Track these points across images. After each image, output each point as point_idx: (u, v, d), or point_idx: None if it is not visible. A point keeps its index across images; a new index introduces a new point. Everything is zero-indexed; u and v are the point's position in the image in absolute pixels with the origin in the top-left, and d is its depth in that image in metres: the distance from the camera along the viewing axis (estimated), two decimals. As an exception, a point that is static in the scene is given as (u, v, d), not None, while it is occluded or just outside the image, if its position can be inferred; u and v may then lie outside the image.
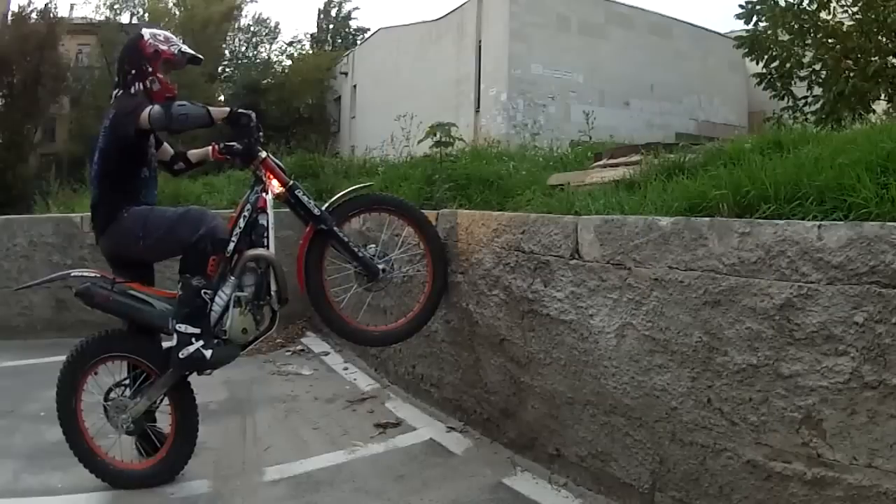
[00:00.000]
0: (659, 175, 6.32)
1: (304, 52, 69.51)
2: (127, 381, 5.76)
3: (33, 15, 50.89)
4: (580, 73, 37.17)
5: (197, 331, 5.46)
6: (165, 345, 5.62)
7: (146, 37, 5.92)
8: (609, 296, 5.27)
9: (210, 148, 6.27)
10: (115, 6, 62.95)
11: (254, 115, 5.81)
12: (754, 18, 18.50)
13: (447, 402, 7.13)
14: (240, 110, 5.74)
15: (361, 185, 6.63)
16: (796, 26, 18.20)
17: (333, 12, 75.62)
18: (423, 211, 6.88)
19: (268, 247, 5.78)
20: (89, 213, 5.99)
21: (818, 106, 17.54)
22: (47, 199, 14.47)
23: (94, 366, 5.67)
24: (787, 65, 18.12)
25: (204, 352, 5.44)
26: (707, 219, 4.76)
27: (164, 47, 5.89)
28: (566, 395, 5.66)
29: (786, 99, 18.35)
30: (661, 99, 39.64)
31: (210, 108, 5.60)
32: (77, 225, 10.72)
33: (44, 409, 7.02)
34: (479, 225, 6.57)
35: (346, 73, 56.42)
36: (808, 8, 18.10)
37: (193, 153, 6.47)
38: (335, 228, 6.09)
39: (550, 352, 5.78)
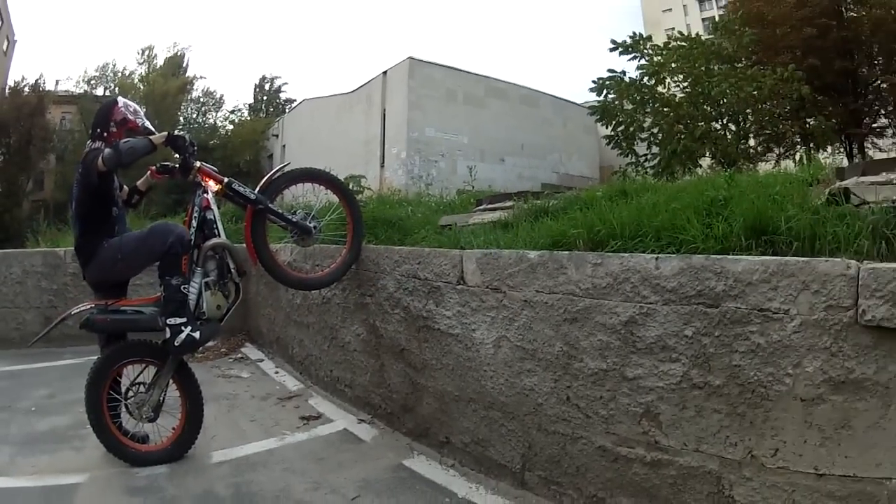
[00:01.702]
0: (528, 217, 6.38)
1: (243, 118, 69.37)
2: (141, 380, 5.75)
3: (26, 88, 51.39)
4: (465, 136, 37.39)
5: (184, 319, 5.52)
6: (160, 339, 5.62)
7: (120, 104, 5.94)
8: (488, 314, 5.24)
9: (148, 172, 6.31)
10: (92, 81, 62.63)
11: (187, 135, 5.84)
12: (604, 91, 18.79)
13: (358, 400, 7.03)
14: (175, 133, 5.78)
15: (281, 166, 6.63)
16: (638, 98, 18.58)
17: (267, 86, 75.60)
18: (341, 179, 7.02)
19: (219, 235, 5.86)
20: (73, 249, 5.99)
21: (656, 162, 17.93)
22: (37, 237, 14.45)
23: (111, 375, 5.66)
24: (631, 129, 18.49)
25: (193, 334, 5.52)
26: (567, 252, 4.80)
27: (132, 117, 5.89)
28: (453, 393, 5.61)
29: (630, 156, 18.72)
30: (530, 156, 40.04)
31: (150, 137, 5.61)
32: (61, 257, 10.67)
33: (35, 405, 7.15)
34: (384, 257, 6.53)
35: (276, 135, 56.28)
36: (647, 83, 18.43)
37: (140, 182, 6.39)
38: (269, 205, 6.09)
39: (441, 359, 5.74)
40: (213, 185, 5.95)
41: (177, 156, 5.89)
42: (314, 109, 47.83)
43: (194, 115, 70.38)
